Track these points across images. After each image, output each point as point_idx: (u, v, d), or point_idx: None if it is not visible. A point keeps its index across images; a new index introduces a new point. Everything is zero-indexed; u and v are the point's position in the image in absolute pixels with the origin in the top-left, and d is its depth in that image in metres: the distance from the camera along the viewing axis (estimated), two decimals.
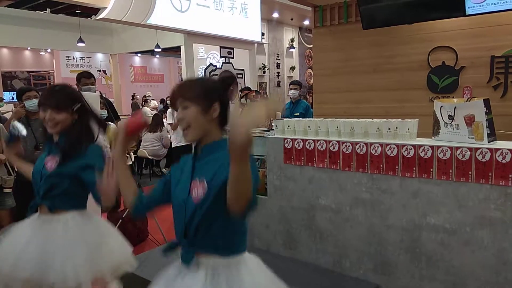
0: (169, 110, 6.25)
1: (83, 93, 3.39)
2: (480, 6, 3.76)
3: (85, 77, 4.04)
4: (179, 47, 8.43)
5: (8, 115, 4.99)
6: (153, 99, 13.32)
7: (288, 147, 2.98)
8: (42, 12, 9.48)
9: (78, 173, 1.84)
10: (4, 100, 11.33)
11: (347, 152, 2.69)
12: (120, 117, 5.97)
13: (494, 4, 3.69)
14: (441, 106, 2.48)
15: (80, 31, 8.59)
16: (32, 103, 3.64)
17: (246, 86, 7.68)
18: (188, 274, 1.34)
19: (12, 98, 13.07)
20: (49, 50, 13.47)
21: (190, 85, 1.40)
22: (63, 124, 1.86)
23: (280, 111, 1.34)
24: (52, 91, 1.95)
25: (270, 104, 1.11)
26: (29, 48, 13.25)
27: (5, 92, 13.18)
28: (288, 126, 3.04)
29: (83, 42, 8.58)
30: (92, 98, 2.90)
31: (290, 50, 13.00)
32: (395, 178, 2.52)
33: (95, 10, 6.18)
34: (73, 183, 1.87)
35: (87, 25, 9.05)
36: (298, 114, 5.39)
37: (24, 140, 3.63)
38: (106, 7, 5.77)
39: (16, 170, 3.63)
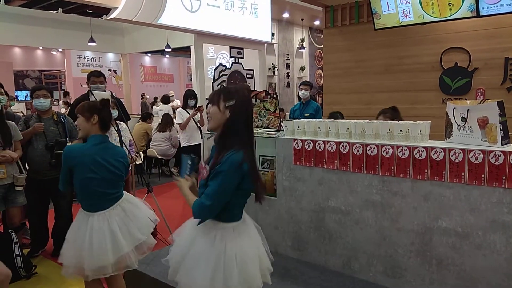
0: (178, 110, 6.26)
1: (94, 91, 3.43)
2: (494, 6, 3.71)
3: (94, 76, 4.07)
4: (189, 47, 8.47)
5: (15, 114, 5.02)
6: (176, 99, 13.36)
7: (298, 148, 2.97)
8: (54, 12, 9.58)
9: None
10: (17, 98, 11.47)
11: (357, 153, 2.66)
12: (130, 116, 6.01)
13: (509, 4, 3.64)
14: (454, 108, 2.45)
15: (91, 30, 8.66)
16: (39, 102, 3.67)
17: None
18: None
19: (26, 96, 13.24)
20: (60, 50, 13.62)
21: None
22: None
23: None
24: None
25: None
26: (41, 48, 13.40)
27: (19, 91, 13.32)
28: (298, 127, 3.03)
29: (94, 41, 8.64)
30: (103, 97, 2.91)
31: (300, 50, 12.98)
32: (407, 181, 2.49)
33: (106, 10, 6.22)
34: None
35: (98, 24, 9.12)
36: (308, 114, 5.37)
37: (35, 139, 3.67)
38: (117, 7, 5.80)
39: (27, 168, 3.67)
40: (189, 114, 5.89)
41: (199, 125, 5.98)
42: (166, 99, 10.93)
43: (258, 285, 1.92)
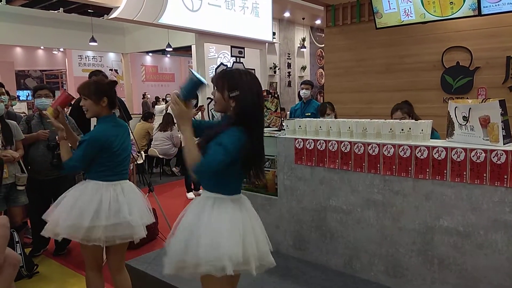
0: None
1: None
2: (496, 5, 3.70)
3: (95, 75, 4.07)
4: (190, 47, 8.46)
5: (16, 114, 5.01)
6: None
7: (299, 147, 2.97)
8: (55, 11, 9.58)
9: None
10: (19, 98, 11.48)
11: (359, 153, 2.66)
12: (132, 116, 6.01)
13: (511, 3, 3.63)
14: (456, 107, 2.44)
15: (92, 30, 8.67)
16: (40, 102, 3.67)
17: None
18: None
19: (27, 96, 13.26)
20: (61, 49, 13.63)
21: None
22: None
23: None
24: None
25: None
26: (42, 47, 13.41)
27: (20, 91, 13.33)
28: (299, 126, 3.02)
29: (95, 41, 8.64)
30: None
31: (302, 49, 12.97)
32: (408, 180, 2.49)
33: (108, 10, 6.22)
34: None
35: (99, 24, 9.12)
36: (310, 114, 5.36)
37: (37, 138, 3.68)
38: (118, 7, 5.81)
39: (29, 167, 3.67)
40: None
41: None
42: None
43: (230, 256, 1.74)
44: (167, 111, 8.14)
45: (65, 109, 2.69)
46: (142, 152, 7.16)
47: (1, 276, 2.40)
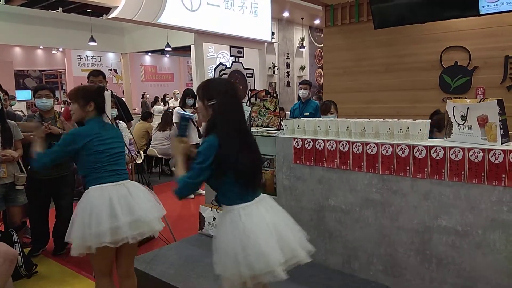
0: (176, 109, 6.25)
1: None
2: (494, 5, 3.70)
3: (93, 75, 4.07)
4: (189, 47, 8.47)
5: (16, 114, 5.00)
6: None
7: (298, 147, 2.97)
8: (54, 11, 9.58)
9: None
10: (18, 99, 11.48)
11: (357, 152, 2.67)
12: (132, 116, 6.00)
13: (509, 3, 3.63)
14: (454, 106, 2.45)
15: (91, 30, 8.66)
16: (41, 102, 3.67)
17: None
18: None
19: (26, 97, 13.24)
20: (61, 49, 13.62)
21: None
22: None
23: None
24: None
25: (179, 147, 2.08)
26: (41, 47, 13.40)
27: (19, 91, 13.31)
28: (298, 125, 3.03)
29: (94, 41, 8.64)
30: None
31: (300, 49, 12.97)
32: (406, 179, 2.49)
33: (107, 9, 6.22)
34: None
35: (99, 24, 9.12)
36: (308, 113, 5.36)
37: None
38: (118, 6, 5.81)
39: (29, 167, 3.67)
40: None
41: (196, 125, 5.97)
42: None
43: (278, 260, 1.87)
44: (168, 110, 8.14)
45: (64, 108, 2.73)
46: (141, 152, 7.16)
47: None
